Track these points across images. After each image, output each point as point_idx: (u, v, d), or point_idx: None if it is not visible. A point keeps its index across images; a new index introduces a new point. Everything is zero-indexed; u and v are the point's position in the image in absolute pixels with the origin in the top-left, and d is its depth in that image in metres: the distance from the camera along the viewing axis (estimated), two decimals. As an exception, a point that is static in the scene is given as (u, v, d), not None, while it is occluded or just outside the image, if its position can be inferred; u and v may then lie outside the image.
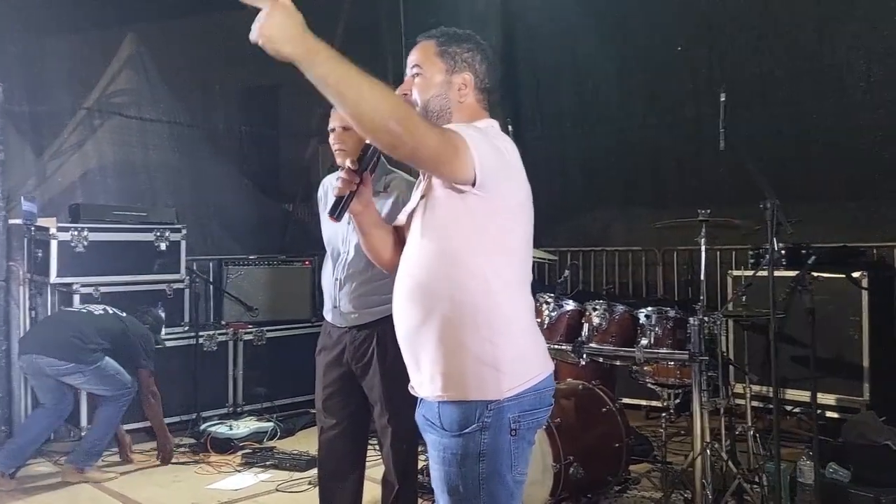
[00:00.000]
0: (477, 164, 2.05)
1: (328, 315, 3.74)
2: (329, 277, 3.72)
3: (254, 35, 1.81)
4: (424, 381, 2.22)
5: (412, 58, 2.33)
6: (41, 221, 5.65)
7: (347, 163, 2.26)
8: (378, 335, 3.55)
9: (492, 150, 2.11)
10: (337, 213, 2.25)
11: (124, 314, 5.39)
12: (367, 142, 2.21)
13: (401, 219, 2.43)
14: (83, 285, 5.74)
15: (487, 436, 2.13)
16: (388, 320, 3.54)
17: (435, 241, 2.18)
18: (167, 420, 5.70)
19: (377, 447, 3.88)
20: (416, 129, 1.94)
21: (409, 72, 2.32)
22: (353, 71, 1.87)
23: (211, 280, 6.95)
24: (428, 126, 2.00)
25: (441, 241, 2.17)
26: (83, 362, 5.05)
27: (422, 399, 2.28)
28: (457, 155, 2.02)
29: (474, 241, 2.14)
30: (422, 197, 2.26)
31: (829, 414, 5.61)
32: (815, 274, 5.07)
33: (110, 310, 5.38)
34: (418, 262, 2.21)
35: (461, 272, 2.14)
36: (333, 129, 3.60)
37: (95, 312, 5.32)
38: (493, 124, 2.33)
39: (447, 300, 2.14)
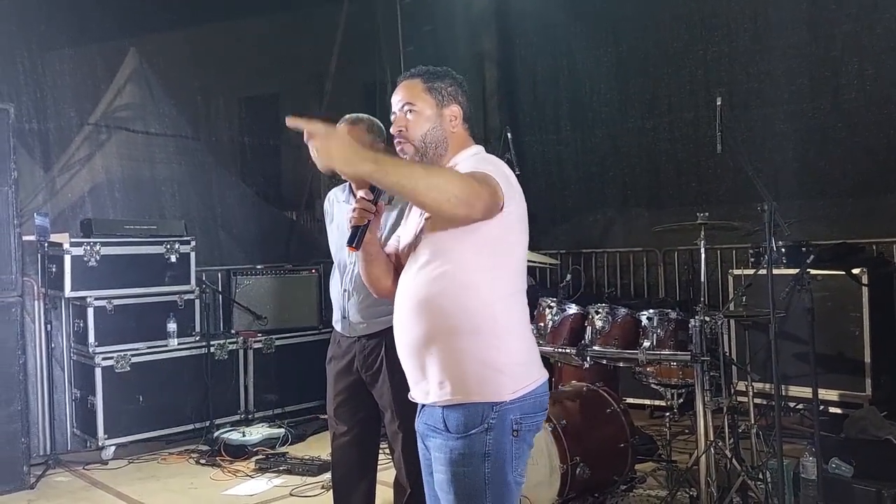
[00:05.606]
0: (503, 195, 2.21)
1: (337, 325, 3.81)
2: (337, 288, 3.79)
3: (323, 162, 2.07)
4: (432, 388, 2.31)
5: (399, 96, 2.43)
6: (54, 237, 5.74)
7: (361, 193, 2.35)
8: (387, 343, 3.59)
9: (498, 174, 2.25)
10: (356, 242, 2.35)
11: None
12: None
13: (392, 244, 2.54)
14: (97, 298, 5.85)
15: (492, 436, 2.24)
16: (396, 329, 3.66)
17: (438, 260, 2.28)
18: (180, 428, 6.08)
19: (388, 452, 3.96)
20: (480, 195, 2.13)
21: (397, 109, 2.42)
22: (417, 168, 2.13)
23: (220, 290, 7.04)
24: (480, 185, 2.15)
25: (444, 259, 2.27)
26: None
27: (422, 407, 2.39)
28: (497, 198, 2.19)
29: (476, 258, 2.25)
30: (427, 218, 2.35)
31: (831, 410, 5.65)
32: (815, 272, 5.12)
33: None
34: (424, 280, 2.30)
35: (463, 288, 2.25)
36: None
37: None
38: (482, 150, 2.47)
39: (450, 314, 2.25)
